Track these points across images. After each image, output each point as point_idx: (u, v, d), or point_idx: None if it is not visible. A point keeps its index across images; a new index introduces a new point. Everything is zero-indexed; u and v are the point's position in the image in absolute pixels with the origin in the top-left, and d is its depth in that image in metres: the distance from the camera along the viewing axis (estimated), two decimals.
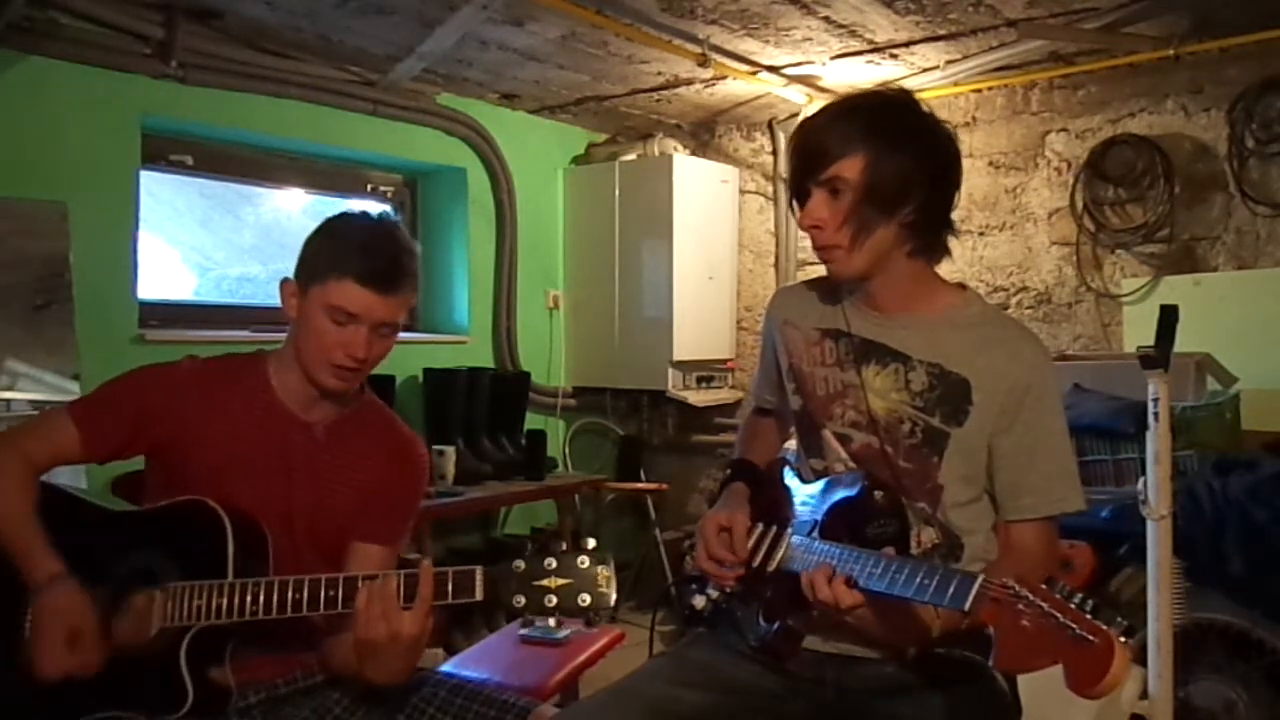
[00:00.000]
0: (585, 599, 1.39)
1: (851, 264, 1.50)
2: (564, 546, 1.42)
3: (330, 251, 1.61)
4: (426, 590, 1.41)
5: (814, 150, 1.48)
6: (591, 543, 1.43)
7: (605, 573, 1.40)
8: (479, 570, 1.43)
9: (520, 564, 1.41)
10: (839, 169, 1.45)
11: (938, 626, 1.38)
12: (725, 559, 1.56)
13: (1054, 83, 4.02)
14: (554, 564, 1.40)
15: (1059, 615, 1.09)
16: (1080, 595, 1.11)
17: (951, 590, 1.22)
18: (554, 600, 1.39)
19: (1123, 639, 1.07)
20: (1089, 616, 1.09)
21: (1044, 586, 1.13)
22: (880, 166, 1.44)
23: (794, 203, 1.54)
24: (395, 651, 1.41)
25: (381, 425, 1.78)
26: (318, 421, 1.70)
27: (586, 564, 1.40)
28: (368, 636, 1.41)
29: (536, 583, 1.39)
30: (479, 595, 1.42)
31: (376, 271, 1.58)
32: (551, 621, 1.44)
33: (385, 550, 1.70)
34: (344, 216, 1.69)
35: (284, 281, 1.67)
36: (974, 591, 1.19)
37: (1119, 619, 1.09)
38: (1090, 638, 1.06)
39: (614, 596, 1.40)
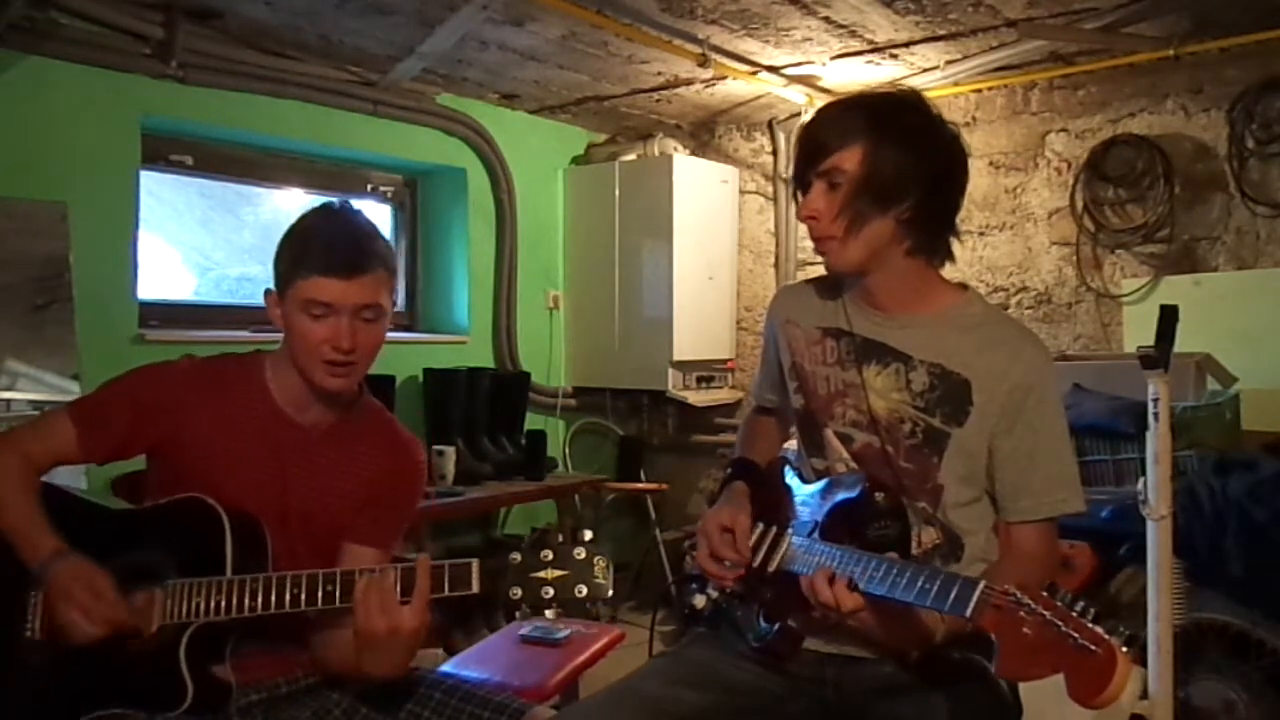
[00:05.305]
0: (582, 590, 1.42)
1: (845, 256, 1.50)
2: (560, 539, 1.44)
3: (293, 253, 1.62)
4: (424, 583, 1.43)
5: (816, 142, 1.50)
6: (588, 534, 1.45)
7: (602, 563, 1.43)
8: (475, 562, 1.45)
9: (517, 556, 1.43)
10: (837, 160, 1.46)
11: (942, 631, 1.38)
12: (729, 557, 1.56)
13: (1054, 83, 4.02)
14: (550, 556, 1.43)
15: (1061, 624, 1.08)
16: (1082, 603, 1.10)
17: (953, 596, 1.21)
18: (551, 592, 1.41)
19: (1124, 649, 1.06)
20: (1091, 625, 1.08)
21: (1046, 594, 1.13)
22: (878, 159, 1.44)
23: (797, 195, 1.55)
24: (394, 645, 1.44)
25: (380, 427, 1.78)
26: (314, 424, 1.70)
27: (583, 555, 1.43)
28: (368, 629, 1.43)
29: (533, 574, 1.42)
30: (475, 588, 1.44)
31: (337, 260, 1.58)
32: (550, 614, 1.46)
33: (378, 553, 1.70)
34: (302, 217, 1.69)
35: (266, 293, 1.68)
36: (975, 598, 1.19)
37: (1120, 628, 1.09)
38: (1092, 647, 1.06)
39: (610, 587, 1.42)
